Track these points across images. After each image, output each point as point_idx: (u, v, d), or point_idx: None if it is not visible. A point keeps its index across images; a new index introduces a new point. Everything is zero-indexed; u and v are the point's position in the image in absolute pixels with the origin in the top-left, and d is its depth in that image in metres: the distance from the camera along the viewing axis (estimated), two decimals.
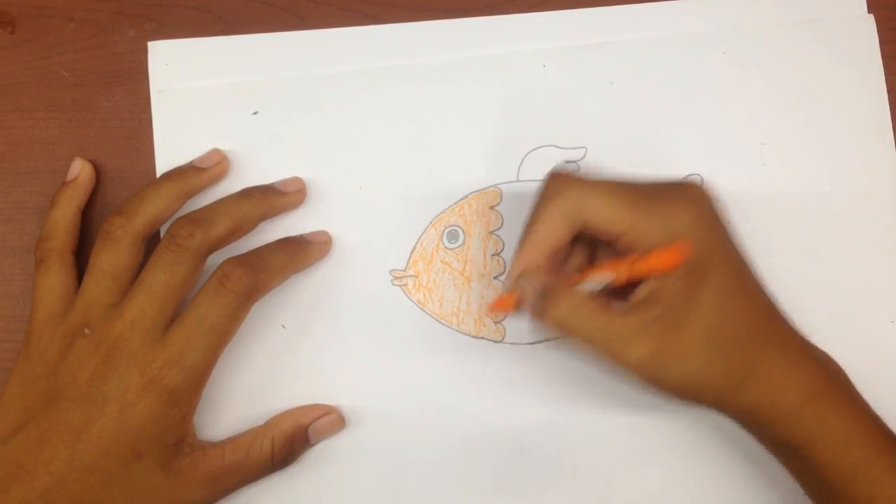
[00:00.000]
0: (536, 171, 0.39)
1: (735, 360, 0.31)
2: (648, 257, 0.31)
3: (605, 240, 0.33)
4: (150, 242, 0.35)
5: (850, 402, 0.32)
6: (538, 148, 0.39)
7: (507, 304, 0.34)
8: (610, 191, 0.32)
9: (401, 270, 0.39)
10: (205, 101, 0.39)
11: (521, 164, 0.39)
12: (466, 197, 0.39)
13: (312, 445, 0.37)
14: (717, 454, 0.37)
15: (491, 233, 0.39)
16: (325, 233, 0.38)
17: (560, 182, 0.33)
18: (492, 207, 0.39)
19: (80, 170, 0.38)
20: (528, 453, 0.38)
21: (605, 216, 0.32)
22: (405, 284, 0.38)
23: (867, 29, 0.40)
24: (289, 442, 0.36)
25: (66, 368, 0.33)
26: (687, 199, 0.32)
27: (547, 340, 0.38)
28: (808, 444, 0.31)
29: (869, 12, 0.40)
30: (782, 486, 0.37)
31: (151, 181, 0.37)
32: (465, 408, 0.38)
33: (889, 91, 0.39)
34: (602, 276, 0.32)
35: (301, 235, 0.38)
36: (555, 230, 0.33)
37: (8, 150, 0.39)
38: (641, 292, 0.32)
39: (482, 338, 0.38)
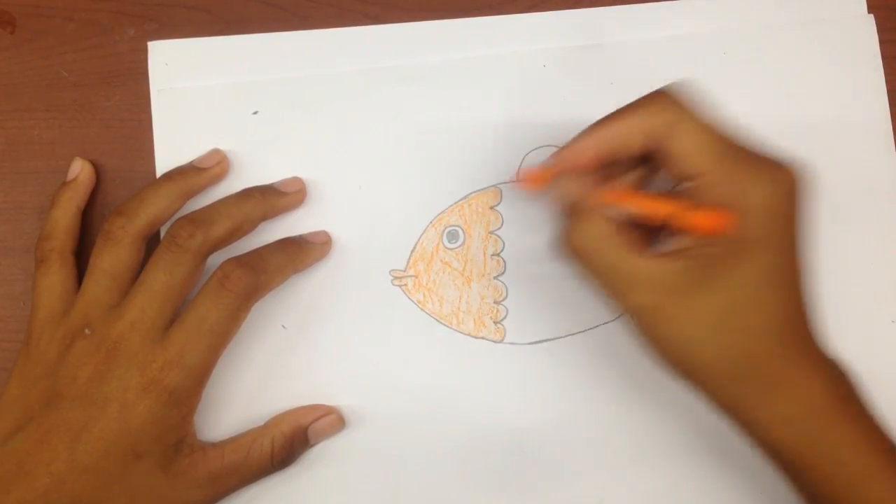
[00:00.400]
0: None
1: (739, 350, 0.30)
2: (696, 213, 0.30)
3: (671, 174, 0.31)
4: (151, 243, 0.36)
5: (854, 417, 0.31)
6: (538, 148, 0.39)
7: (537, 180, 0.33)
8: (710, 128, 0.30)
9: (401, 270, 0.39)
10: (205, 101, 0.39)
11: (521, 164, 0.39)
12: (466, 197, 0.39)
13: (312, 446, 0.37)
14: (716, 454, 0.37)
15: (491, 233, 0.39)
16: (325, 233, 0.38)
17: (663, 98, 0.31)
18: (492, 207, 0.39)
19: (80, 170, 0.38)
20: (528, 453, 0.38)
21: (693, 151, 0.30)
22: (405, 284, 0.38)
23: (867, 29, 0.40)
24: (288, 443, 0.36)
25: (67, 369, 0.33)
26: (774, 177, 0.30)
27: (547, 340, 0.38)
28: (805, 458, 0.30)
29: (869, 12, 0.40)
30: (782, 486, 0.37)
31: (151, 181, 0.37)
32: (465, 408, 0.38)
33: (889, 91, 0.39)
34: (640, 208, 0.31)
35: (301, 236, 0.38)
36: (630, 134, 0.31)
37: (8, 150, 0.39)
38: (674, 244, 0.31)
39: (482, 338, 0.38)
